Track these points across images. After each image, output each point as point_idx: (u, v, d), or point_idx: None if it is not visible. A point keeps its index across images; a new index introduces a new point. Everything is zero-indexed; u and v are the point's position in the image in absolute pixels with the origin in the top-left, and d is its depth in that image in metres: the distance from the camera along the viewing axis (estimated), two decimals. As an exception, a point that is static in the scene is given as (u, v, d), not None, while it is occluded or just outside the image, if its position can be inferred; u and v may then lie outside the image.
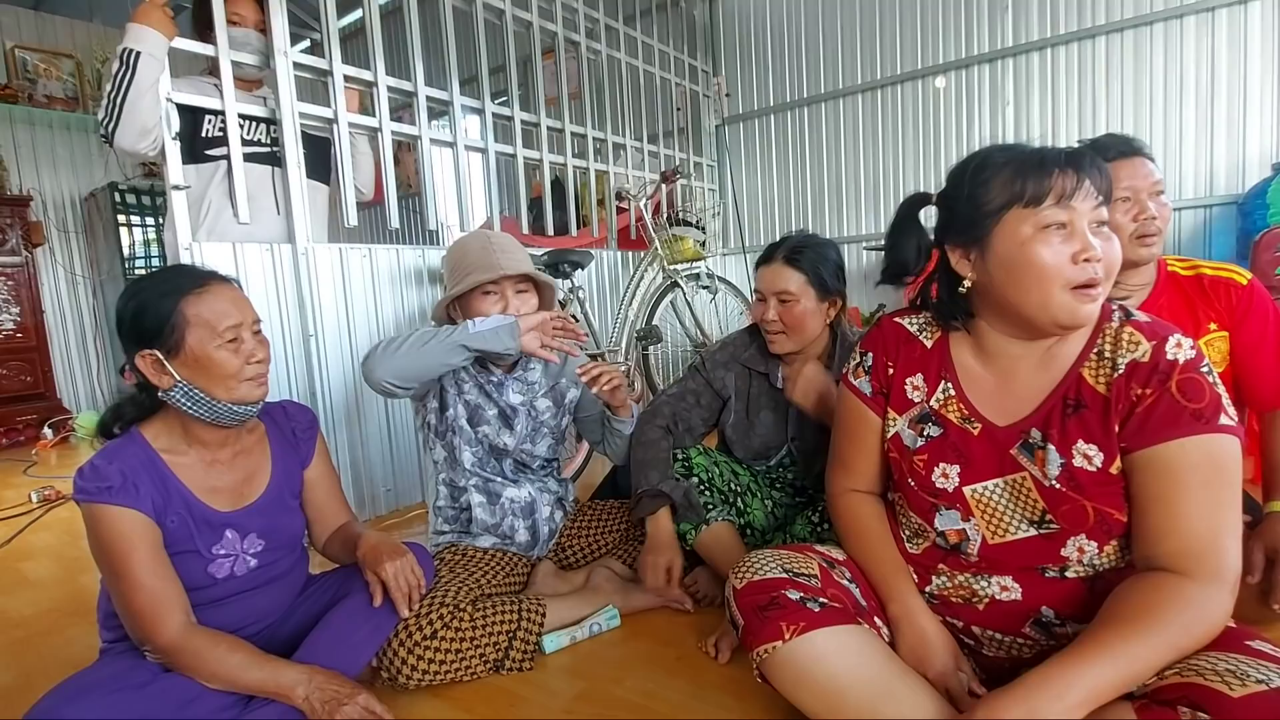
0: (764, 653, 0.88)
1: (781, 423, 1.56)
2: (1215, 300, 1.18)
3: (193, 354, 1.00)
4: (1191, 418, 0.79)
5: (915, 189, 1.03)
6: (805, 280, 1.43)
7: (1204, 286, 1.20)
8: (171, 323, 0.99)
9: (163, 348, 1.00)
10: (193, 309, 1.00)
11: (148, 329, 1.00)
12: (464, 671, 1.17)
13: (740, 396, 1.59)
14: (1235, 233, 2.66)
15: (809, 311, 1.44)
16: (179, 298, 1.00)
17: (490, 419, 1.47)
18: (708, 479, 1.48)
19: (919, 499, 0.99)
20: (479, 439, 1.47)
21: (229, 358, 1.02)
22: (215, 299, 1.02)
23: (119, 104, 1.60)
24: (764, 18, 3.83)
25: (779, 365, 1.54)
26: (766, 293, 1.47)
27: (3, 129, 4.10)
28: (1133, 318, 0.87)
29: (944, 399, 0.97)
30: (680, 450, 1.52)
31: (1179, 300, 1.20)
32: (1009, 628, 0.94)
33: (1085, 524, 0.86)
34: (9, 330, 3.84)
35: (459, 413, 1.45)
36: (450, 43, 2.33)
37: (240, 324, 1.04)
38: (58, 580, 1.81)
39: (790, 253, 1.45)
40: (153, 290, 1.02)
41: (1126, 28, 2.86)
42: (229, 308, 1.03)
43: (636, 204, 2.86)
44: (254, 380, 1.05)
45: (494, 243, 1.43)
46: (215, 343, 1.01)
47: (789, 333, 1.45)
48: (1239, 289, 1.17)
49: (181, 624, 0.98)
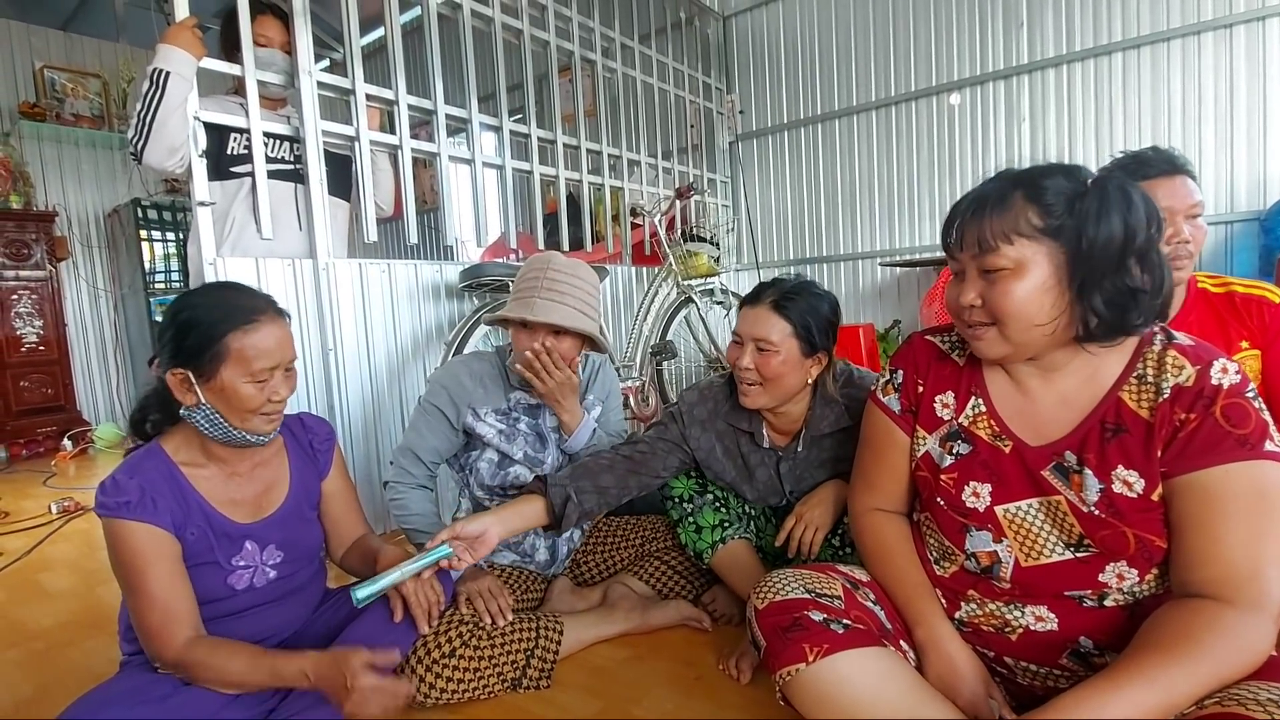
0: (787, 675, 0.86)
1: (776, 480, 1.42)
2: (1248, 318, 1.17)
3: (222, 384, 1.00)
4: (1236, 443, 0.78)
5: (930, 206, 1.06)
6: (790, 331, 1.27)
7: (1235, 304, 1.18)
8: (213, 352, 0.99)
9: (197, 371, 1.00)
10: (238, 344, 1.00)
11: (187, 350, 1.00)
12: (481, 690, 1.16)
13: (731, 457, 1.44)
14: (1257, 249, 2.64)
15: (790, 366, 1.27)
16: (229, 329, 1.00)
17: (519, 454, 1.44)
18: (723, 496, 1.47)
19: (949, 519, 0.96)
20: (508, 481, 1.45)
21: (253, 394, 1.02)
22: (263, 336, 1.02)
23: (149, 123, 1.63)
24: (777, 35, 3.86)
25: (762, 424, 1.39)
26: (745, 337, 1.29)
27: (30, 146, 4.19)
28: (1175, 340, 0.85)
29: (974, 415, 0.96)
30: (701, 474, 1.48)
31: (1210, 317, 1.19)
32: (1045, 659, 0.91)
33: (1126, 551, 0.84)
34: (32, 343, 3.90)
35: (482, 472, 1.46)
36: (469, 62, 2.37)
37: (277, 365, 1.04)
38: (76, 592, 1.82)
39: (780, 298, 1.28)
40: (204, 313, 1.01)
41: (1144, 44, 2.85)
42: (272, 347, 1.03)
43: (651, 220, 2.87)
44: (267, 416, 1.05)
45: (548, 278, 1.35)
46: (246, 379, 1.01)
47: (764, 385, 1.29)
48: (1272, 307, 1.16)
49: (186, 639, 0.98)
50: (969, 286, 0.86)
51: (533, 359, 1.33)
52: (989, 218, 0.82)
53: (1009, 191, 0.83)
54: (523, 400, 1.46)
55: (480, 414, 1.42)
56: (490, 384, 1.45)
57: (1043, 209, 0.81)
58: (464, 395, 1.42)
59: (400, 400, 2.18)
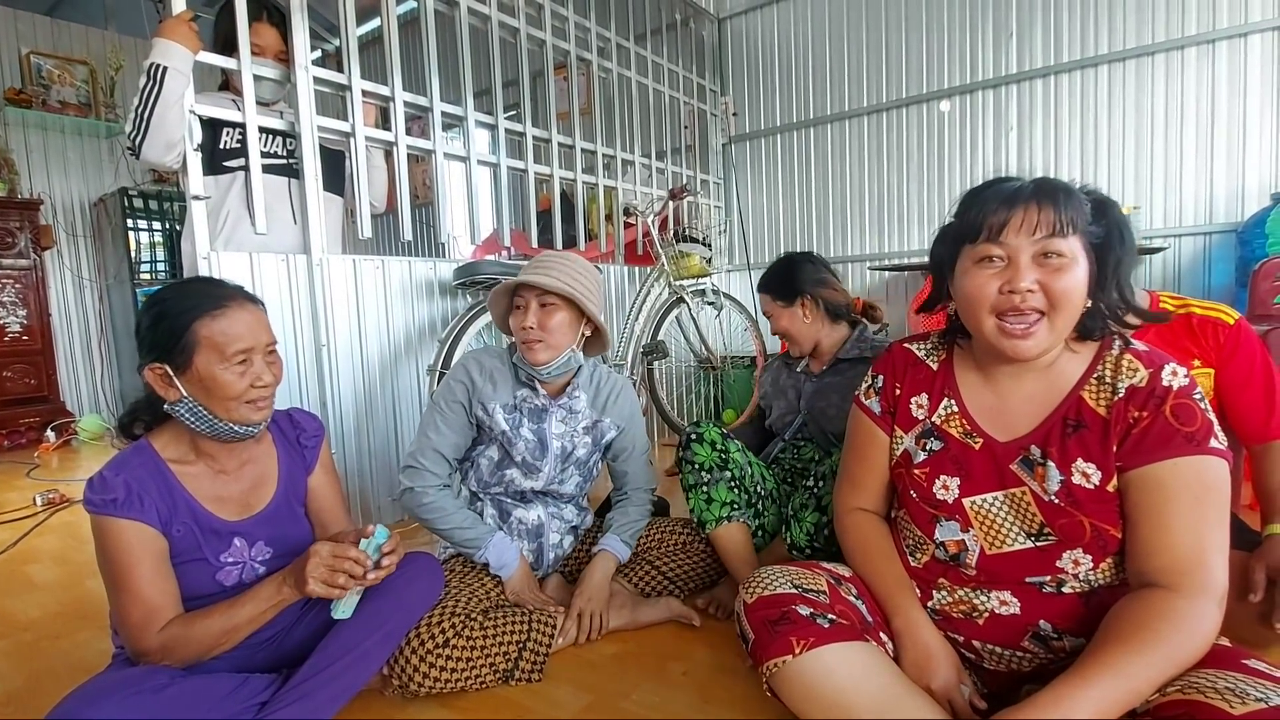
0: (773, 667, 0.90)
1: (796, 400, 1.78)
2: (1202, 338, 1.23)
3: (199, 374, 1.01)
4: (1184, 440, 0.84)
5: (919, 211, 1.11)
6: (771, 299, 1.74)
7: (1192, 326, 1.24)
8: (183, 341, 1.00)
9: (172, 364, 1.01)
10: (206, 330, 1.01)
11: (160, 343, 1.01)
12: (473, 680, 1.18)
13: (775, 383, 1.88)
14: (1234, 260, 2.70)
15: (793, 321, 1.72)
16: (195, 317, 1.01)
17: (518, 457, 1.45)
18: (739, 476, 1.53)
19: (920, 510, 1.03)
20: (504, 481, 1.47)
21: (234, 380, 1.02)
22: (231, 322, 1.03)
23: (146, 118, 1.63)
24: (771, 39, 3.89)
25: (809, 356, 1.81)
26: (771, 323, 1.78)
27: (15, 133, 4.14)
28: (1132, 346, 0.93)
29: (946, 415, 1.02)
30: (723, 444, 1.55)
31: (1166, 334, 1.24)
32: (1008, 641, 0.96)
33: (1081, 538, 0.90)
34: (15, 333, 3.86)
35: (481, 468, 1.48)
36: (465, 59, 2.38)
37: (251, 348, 1.04)
38: (63, 584, 1.82)
39: (760, 285, 1.78)
40: (172, 304, 1.02)
41: (1129, 57, 2.91)
42: (243, 331, 1.03)
43: (644, 219, 2.89)
44: (254, 404, 1.05)
45: (546, 259, 1.42)
46: (222, 365, 1.01)
47: (791, 342, 1.76)
48: (1226, 328, 1.22)
49: (160, 630, 0.99)
50: (1025, 271, 0.87)
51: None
52: (1063, 206, 0.86)
53: (1069, 189, 0.88)
54: (528, 399, 1.46)
55: (489, 409, 1.43)
56: (499, 379, 1.45)
57: (1083, 213, 0.88)
58: (475, 391, 1.43)
59: (392, 397, 2.19)
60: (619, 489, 1.62)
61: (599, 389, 1.54)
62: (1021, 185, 0.90)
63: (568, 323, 1.40)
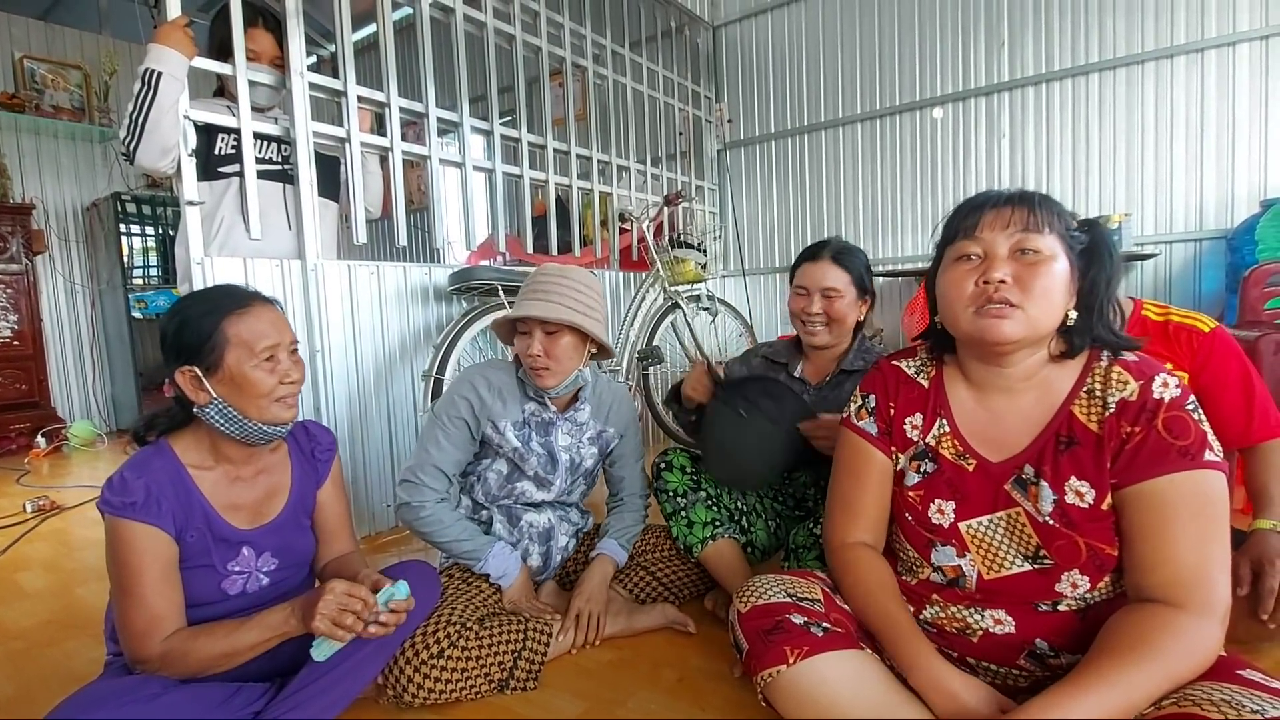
0: (768, 676, 0.89)
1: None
2: (1176, 345, 1.25)
3: (230, 373, 1.02)
4: (1178, 455, 0.83)
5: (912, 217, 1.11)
6: (849, 279, 1.56)
7: (1168, 333, 1.26)
8: (212, 341, 1.02)
9: (202, 365, 1.02)
10: (233, 328, 1.03)
11: (189, 345, 1.02)
12: (469, 690, 1.18)
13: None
14: (1225, 267, 2.72)
15: (849, 306, 1.56)
16: (221, 317, 1.03)
17: (530, 472, 1.45)
18: (715, 495, 1.52)
19: (916, 534, 1.00)
20: (514, 494, 1.47)
21: (264, 377, 1.04)
22: (256, 320, 1.05)
23: (141, 123, 1.63)
24: (766, 47, 3.91)
25: (800, 361, 1.66)
26: (812, 288, 1.57)
27: (8, 137, 4.12)
28: (1120, 356, 0.91)
29: (939, 435, 1.00)
30: (693, 467, 1.54)
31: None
32: (1004, 659, 0.95)
33: (1078, 559, 0.88)
34: (6, 338, 3.83)
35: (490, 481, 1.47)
36: (461, 65, 2.38)
37: (278, 345, 1.06)
38: (54, 592, 1.80)
39: (836, 253, 1.57)
40: (197, 308, 1.04)
41: (1119, 66, 2.94)
42: (268, 329, 1.06)
43: (639, 225, 2.90)
44: (284, 400, 1.07)
45: (546, 281, 1.38)
46: (252, 362, 1.03)
47: (831, 325, 1.57)
48: (1200, 335, 1.24)
49: (161, 640, 0.98)
50: (999, 264, 0.88)
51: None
52: (1038, 205, 0.88)
53: (1048, 195, 0.91)
54: (536, 414, 1.45)
55: (500, 427, 1.42)
56: (508, 396, 1.44)
57: (1063, 218, 0.90)
58: (484, 409, 1.41)
59: (387, 403, 2.19)
60: (614, 494, 1.63)
61: (601, 399, 1.55)
62: (992, 191, 0.93)
63: (574, 346, 1.39)
